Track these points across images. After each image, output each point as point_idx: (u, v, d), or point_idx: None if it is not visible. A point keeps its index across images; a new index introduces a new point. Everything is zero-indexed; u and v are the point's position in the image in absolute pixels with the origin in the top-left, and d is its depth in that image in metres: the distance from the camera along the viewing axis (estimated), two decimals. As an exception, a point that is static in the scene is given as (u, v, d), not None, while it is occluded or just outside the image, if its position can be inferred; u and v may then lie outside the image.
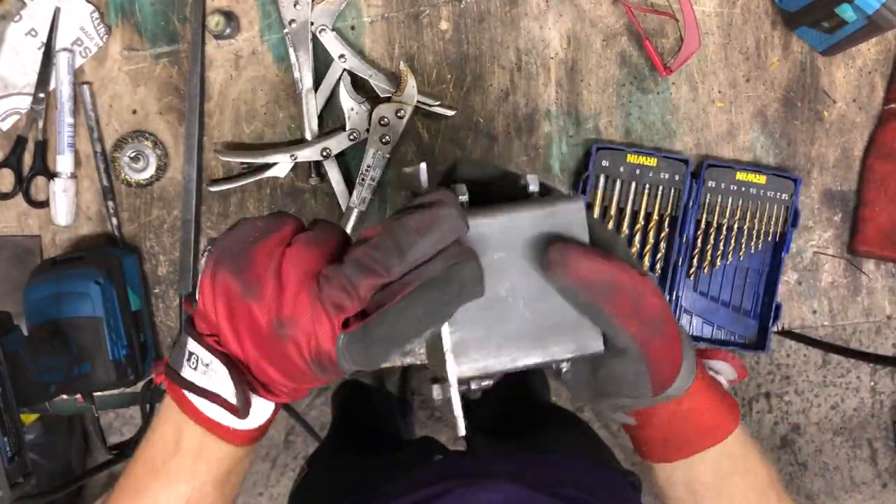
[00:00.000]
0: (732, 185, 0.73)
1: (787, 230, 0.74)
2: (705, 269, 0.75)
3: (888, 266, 0.76)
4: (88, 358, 0.65)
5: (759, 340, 0.75)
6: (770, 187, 0.73)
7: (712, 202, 0.74)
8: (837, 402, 1.94)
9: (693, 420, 0.47)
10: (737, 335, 0.76)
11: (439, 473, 0.73)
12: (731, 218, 0.74)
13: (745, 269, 0.76)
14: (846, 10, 0.65)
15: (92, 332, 0.65)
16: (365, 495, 0.73)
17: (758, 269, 0.76)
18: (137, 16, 0.73)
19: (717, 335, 0.76)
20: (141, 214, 0.74)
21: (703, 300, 0.76)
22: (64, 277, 0.65)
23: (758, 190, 0.74)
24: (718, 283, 0.76)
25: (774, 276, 0.74)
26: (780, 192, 0.74)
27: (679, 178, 0.73)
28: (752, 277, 0.76)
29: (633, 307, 0.39)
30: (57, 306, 0.64)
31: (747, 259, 0.76)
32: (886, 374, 1.91)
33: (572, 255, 0.37)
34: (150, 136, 0.73)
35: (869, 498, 1.93)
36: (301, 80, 0.71)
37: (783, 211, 0.74)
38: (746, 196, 0.74)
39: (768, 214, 0.74)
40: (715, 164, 0.73)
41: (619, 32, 0.74)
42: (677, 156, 0.73)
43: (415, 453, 0.95)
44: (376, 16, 0.73)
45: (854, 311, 0.76)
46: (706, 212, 0.74)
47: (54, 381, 0.60)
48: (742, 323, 0.76)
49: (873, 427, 1.92)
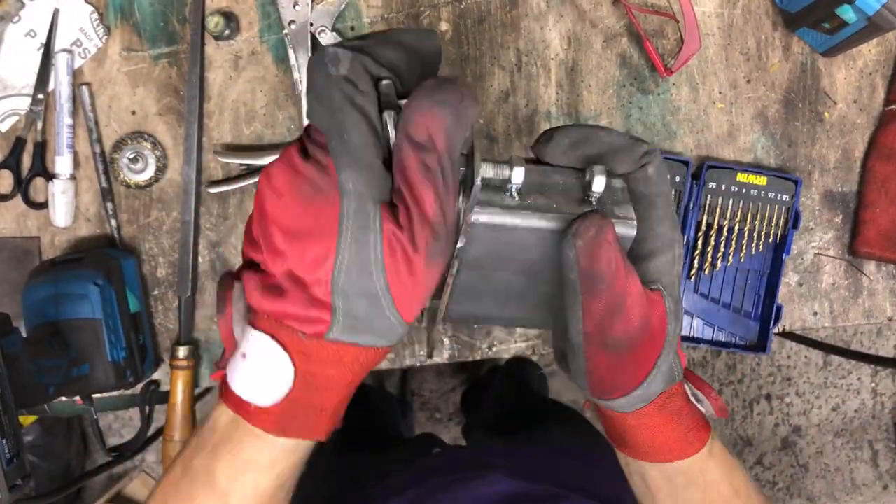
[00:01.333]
0: (733, 187, 0.73)
1: (787, 231, 0.74)
2: (706, 271, 0.75)
3: (889, 268, 0.76)
4: (87, 359, 0.65)
5: (760, 342, 0.75)
6: (771, 189, 0.73)
7: (713, 204, 0.74)
8: (838, 404, 1.94)
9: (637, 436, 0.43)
10: (738, 337, 0.76)
11: (439, 466, 0.73)
12: (732, 219, 0.74)
13: (746, 271, 0.76)
14: (847, 10, 0.65)
15: (91, 333, 0.65)
16: (366, 490, 0.73)
17: (759, 270, 0.76)
18: (137, 17, 0.72)
19: (718, 337, 0.76)
20: (140, 216, 0.74)
21: (704, 301, 0.76)
22: (63, 279, 0.65)
23: (759, 191, 0.73)
24: (719, 285, 0.76)
25: (775, 278, 0.74)
26: (780, 194, 0.73)
27: (679, 179, 0.72)
28: (753, 279, 0.76)
29: (605, 312, 0.36)
30: (56, 307, 0.64)
31: (748, 261, 0.76)
32: (887, 375, 1.91)
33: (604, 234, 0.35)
34: (150, 138, 0.72)
35: (870, 499, 1.93)
36: (301, 81, 0.71)
37: (784, 212, 0.74)
38: (747, 197, 0.74)
39: (769, 216, 0.74)
40: (715, 165, 0.73)
41: (620, 33, 0.73)
42: (677, 157, 0.72)
43: (414, 448, 0.95)
44: (376, 17, 0.73)
45: (855, 312, 0.76)
46: (706, 213, 0.74)
47: (53, 382, 0.60)
48: (743, 324, 0.76)
49: (874, 429, 1.92)
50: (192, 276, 0.73)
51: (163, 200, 0.74)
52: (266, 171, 0.35)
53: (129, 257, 0.72)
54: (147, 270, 0.74)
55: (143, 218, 0.74)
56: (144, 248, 0.74)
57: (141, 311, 0.72)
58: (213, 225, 0.74)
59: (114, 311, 0.66)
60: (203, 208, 0.74)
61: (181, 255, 0.73)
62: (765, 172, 0.73)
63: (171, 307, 0.74)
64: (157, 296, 0.74)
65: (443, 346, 0.75)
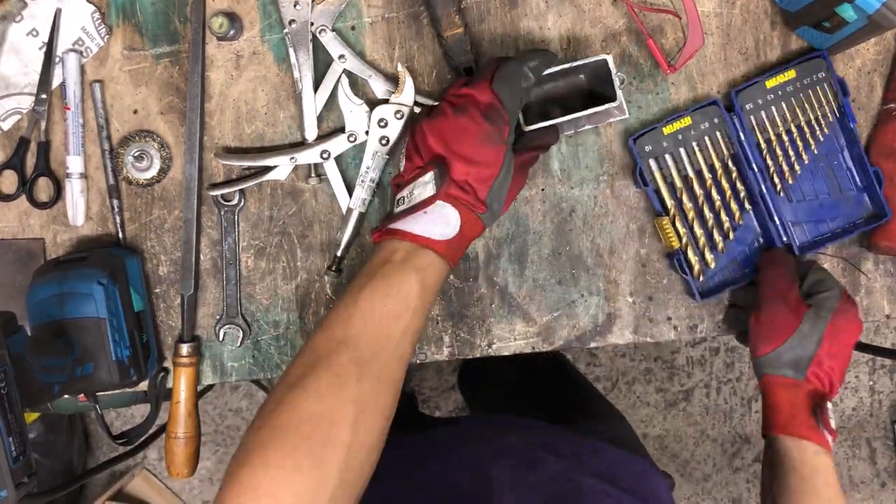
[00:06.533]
0: (769, 95, 0.73)
1: (842, 102, 0.73)
2: (789, 180, 0.74)
3: (887, 265, 0.76)
4: (91, 358, 0.65)
5: (878, 208, 0.74)
6: (803, 76, 0.73)
7: (759, 121, 0.73)
8: (836, 402, 1.94)
9: (767, 398, 0.68)
10: (854, 217, 0.75)
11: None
12: (785, 123, 0.74)
13: (825, 156, 0.75)
14: (847, 9, 0.65)
15: (95, 332, 0.65)
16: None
17: (836, 149, 0.75)
18: (138, 16, 0.73)
19: (836, 227, 0.75)
20: (142, 214, 0.74)
21: (804, 204, 0.75)
22: (67, 278, 0.66)
23: (793, 85, 0.73)
24: (810, 183, 0.75)
25: (855, 147, 0.74)
26: (815, 74, 0.73)
27: (718, 120, 0.73)
28: (835, 159, 0.75)
29: (786, 287, 0.68)
30: (60, 307, 0.64)
31: (821, 147, 0.75)
32: (885, 373, 1.91)
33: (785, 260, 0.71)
34: (158, 139, 0.73)
35: (868, 497, 1.94)
36: (301, 81, 0.72)
37: (828, 88, 0.73)
38: (787, 96, 0.73)
39: (816, 99, 0.73)
40: (742, 87, 0.73)
41: (619, 33, 0.74)
42: (705, 101, 0.73)
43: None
44: (376, 16, 0.73)
45: (853, 310, 0.77)
46: (759, 132, 0.74)
47: (58, 381, 0.60)
48: (851, 203, 0.75)
49: (872, 426, 1.93)
50: (195, 274, 0.73)
51: (164, 199, 0.74)
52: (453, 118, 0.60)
53: (132, 256, 0.72)
54: (149, 268, 0.74)
55: (146, 216, 0.74)
56: (146, 246, 0.74)
57: (145, 310, 0.72)
58: (214, 223, 0.74)
59: (118, 309, 0.67)
60: (205, 207, 0.74)
61: (183, 253, 0.73)
62: (789, 66, 0.73)
63: (172, 305, 0.75)
64: (158, 293, 0.75)
65: (442, 343, 0.75)
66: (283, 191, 0.74)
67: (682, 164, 0.74)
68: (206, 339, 0.75)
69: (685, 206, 0.73)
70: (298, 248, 0.75)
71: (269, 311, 0.75)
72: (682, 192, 0.73)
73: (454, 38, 0.68)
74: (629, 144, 0.72)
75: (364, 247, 0.74)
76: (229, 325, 0.74)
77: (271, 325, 0.75)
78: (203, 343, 0.75)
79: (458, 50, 0.69)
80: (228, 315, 0.74)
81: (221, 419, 1.86)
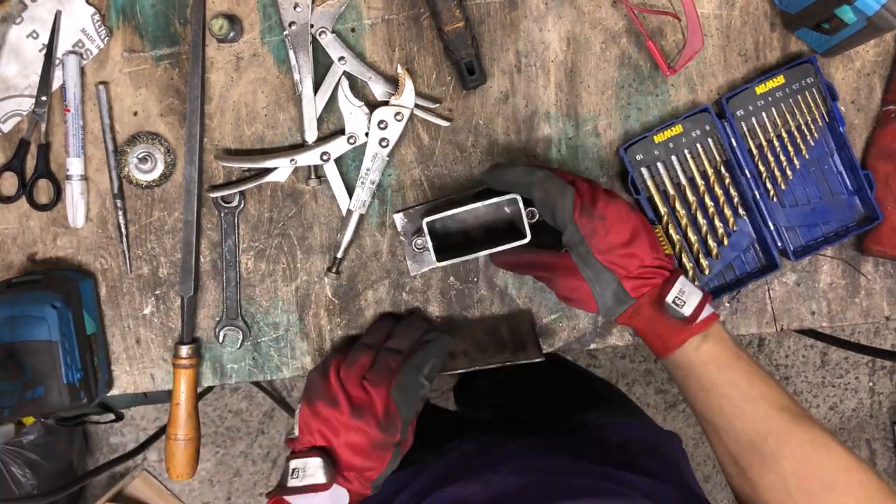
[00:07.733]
0: (759, 101, 0.74)
1: (830, 106, 0.74)
2: (782, 185, 0.75)
3: (886, 267, 0.76)
4: (42, 381, 0.64)
5: (870, 212, 0.74)
6: (792, 81, 0.73)
7: (750, 126, 0.74)
8: (836, 403, 1.94)
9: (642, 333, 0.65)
10: (846, 220, 0.76)
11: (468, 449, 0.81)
12: (776, 128, 0.74)
13: (816, 161, 0.76)
14: (846, 11, 0.65)
15: (47, 355, 0.64)
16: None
17: (826, 153, 0.76)
18: (138, 18, 0.73)
19: (829, 230, 0.76)
20: (142, 216, 0.74)
21: (797, 209, 0.75)
22: (20, 301, 0.65)
23: (782, 90, 0.73)
24: (802, 188, 0.76)
25: (846, 152, 0.74)
26: (803, 80, 0.74)
27: (709, 127, 0.73)
28: (826, 164, 0.76)
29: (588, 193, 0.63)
30: (11, 330, 0.64)
31: (812, 151, 0.75)
32: (885, 374, 1.91)
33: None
34: (165, 143, 0.73)
35: (868, 498, 1.93)
36: (301, 83, 0.72)
37: (816, 93, 0.74)
38: (776, 102, 0.74)
39: (805, 104, 0.74)
40: (732, 94, 0.73)
41: (619, 34, 0.74)
42: (696, 109, 0.73)
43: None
44: (376, 18, 0.73)
45: (853, 312, 0.77)
46: (750, 138, 0.74)
47: (7, 405, 0.60)
48: (843, 206, 0.75)
49: (872, 427, 1.93)
50: (195, 276, 0.73)
51: (165, 200, 0.74)
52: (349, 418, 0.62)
53: (86, 279, 0.72)
54: (149, 270, 0.75)
55: (146, 218, 0.74)
56: (146, 247, 0.74)
57: (97, 332, 0.72)
58: (214, 224, 0.74)
59: (70, 333, 0.66)
60: (205, 209, 0.74)
61: (183, 255, 0.73)
62: (778, 71, 0.73)
63: (172, 306, 0.75)
64: (158, 295, 0.75)
65: (443, 345, 0.75)
66: (283, 192, 0.74)
67: (674, 172, 0.74)
68: (205, 341, 0.75)
69: (678, 214, 0.73)
70: (298, 249, 0.75)
71: (268, 313, 0.75)
72: (674, 199, 0.73)
73: (455, 31, 0.69)
74: (620, 153, 0.72)
75: (364, 248, 0.74)
76: (229, 326, 0.74)
77: (271, 327, 0.75)
78: (203, 345, 0.75)
79: (459, 44, 0.69)
80: (228, 317, 0.74)
81: (221, 420, 1.86)
